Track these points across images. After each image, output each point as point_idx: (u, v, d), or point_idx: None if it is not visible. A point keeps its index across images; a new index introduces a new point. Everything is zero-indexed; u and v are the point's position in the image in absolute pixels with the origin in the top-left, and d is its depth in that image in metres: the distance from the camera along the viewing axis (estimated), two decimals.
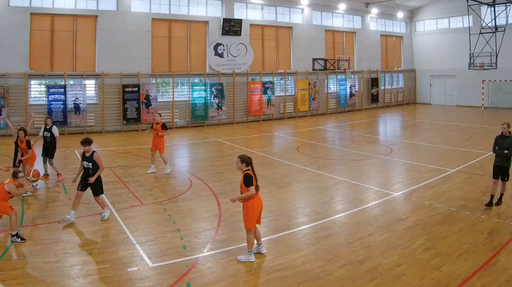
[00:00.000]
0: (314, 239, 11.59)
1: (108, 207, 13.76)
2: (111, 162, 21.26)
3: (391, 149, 24.77)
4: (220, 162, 21.76)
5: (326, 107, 44.05)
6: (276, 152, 25.00)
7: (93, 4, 32.78)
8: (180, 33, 36.41)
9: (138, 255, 10.54)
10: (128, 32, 33.40)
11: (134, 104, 33.22)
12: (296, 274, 9.58)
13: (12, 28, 29.66)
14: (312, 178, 18.17)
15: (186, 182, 17.77)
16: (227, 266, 10.03)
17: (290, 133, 32.99)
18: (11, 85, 29.69)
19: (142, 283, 9.20)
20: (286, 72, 41.29)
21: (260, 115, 39.29)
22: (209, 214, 13.66)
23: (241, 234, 11.48)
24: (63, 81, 31.46)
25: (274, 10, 41.26)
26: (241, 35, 38.42)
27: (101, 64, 32.64)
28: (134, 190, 16.43)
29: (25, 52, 30.33)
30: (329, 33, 44.98)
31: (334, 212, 13.96)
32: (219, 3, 37.98)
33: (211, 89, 36.39)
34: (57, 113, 30.77)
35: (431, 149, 24.79)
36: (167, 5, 35.65)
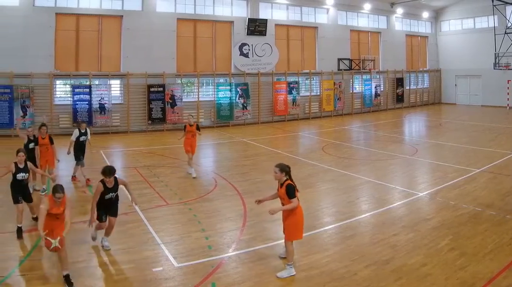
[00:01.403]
0: (339, 239, 11.29)
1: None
2: (136, 162, 20.66)
3: (416, 149, 23.85)
4: (245, 162, 20.95)
5: (351, 107, 42.29)
6: (301, 152, 24.17)
7: (118, 4, 31.55)
8: (205, 33, 35.00)
9: (163, 255, 10.28)
10: (153, 32, 32.12)
11: (159, 104, 31.96)
12: (321, 274, 9.32)
13: (37, 28, 28.52)
14: (337, 178, 17.55)
15: (211, 182, 17.16)
16: (252, 266, 9.77)
17: (315, 133, 31.81)
18: (36, 85, 28.59)
19: (167, 283, 9.00)
20: (311, 72, 39.65)
21: (285, 115, 37.71)
22: (234, 214, 13.28)
23: (266, 234, 11.55)
24: (88, 81, 30.32)
25: (299, 10, 39.60)
26: (266, 35, 36.86)
27: (126, 64, 31.39)
28: (159, 190, 15.91)
29: (50, 52, 29.18)
30: (354, 33, 43.15)
31: (359, 212, 13.57)
32: (244, 3, 36.50)
33: (236, 89, 35.02)
34: (82, 113, 29.62)
35: (456, 149, 23.84)
36: (192, 5, 34.26)
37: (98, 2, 30.92)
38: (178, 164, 20.45)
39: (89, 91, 29.97)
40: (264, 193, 14.48)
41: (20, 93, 28.04)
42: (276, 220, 12.01)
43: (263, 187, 15.88)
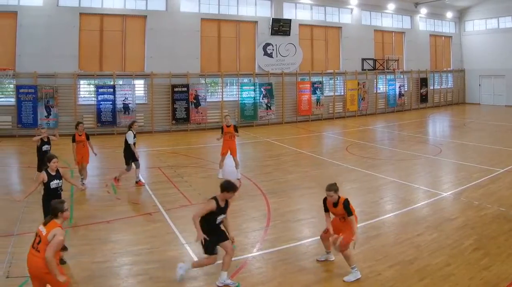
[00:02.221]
0: (363, 239, 10.71)
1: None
2: (160, 162, 19.97)
3: (440, 149, 23.00)
4: (269, 162, 20.13)
5: (375, 107, 40.63)
6: (325, 152, 23.45)
7: (142, 4, 30.36)
8: (229, 33, 33.68)
9: (188, 255, 9.99)
10: (177, 32, 30.91)
11: (183, 104, 30.77)
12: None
13: (61, 28, 27.48)
14: (361, 178, 17.02)
15: (235, 181, 15.67)
16: (276, 266, 9.51)
17: (339, 133, 30.65)
18: (60, 85, 27.59)
19: (191, 283, 8.79)
20: (335, 72, 38.05)
21: (309, 115, 36.22)
22: (258, 214, 12.82)
23: (290, 234, 11.24)
24: (112, 81, 29.28)
25: (323, 10, 37.97)
26: (290, 35, 35.34)
27: (150, 64, 30.24)
28: (183, 190, 15.39)
29: (74, 52, 28.13)
30: (378, 33, 41.37)
31: (383, 212, 13.18)
32: (268, 3, 35.06)
33: (260, 89, 33.67)
34: (106, 113, 28.58)
35: (480, 149, 23.02)
36: (216, 5, 32.95)
37: (122, 2, 29.82)
38: (202, 164, 19.73)
39: (113, 91, 28.94)
40: (288, 193, 14.86)
41: (44, 93, 27.06)
42: (300, 220, 12.22)
43: (287, 187, 15.63)
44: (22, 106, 26.63)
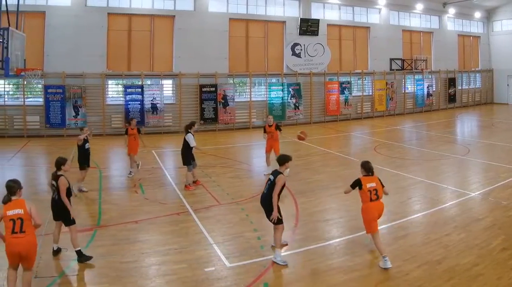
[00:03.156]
0: (391, 239, 10.47)
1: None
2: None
3: (468, 149, 21.94)
4: (297, 162, 18.51)
5: (404, 107, 38.26)
6: (353, 152, 22.48)
7: (170, 4, 28.73)
8: (257, 33, 31.84)
9: (216, 255, 9.64)
10: (205, 32, 29.24)
11: (211, 104, 29.14)
12: (374, 274, 8.75)
13: (89, 28, 26.08)
14: (389, 178, 15.71)
15: (263, 181, 14.67)
16: (304, 265, 9.21)
17: (367, 133, 29.12)
18: (88, 85, 26.20)
19: (219, 283, 8.44)
20: (364, 72, 35.89)
21: (337, 115, 34.20)
22: (287, 214, 11.48)
23: (318, 234, 10.85)
24: (140, 81, 27.73)
25: (351, 10, 35.84)
26: (319, 35, 33.32)
27: (178, 64, 28.59)
28: (211, 190, 14.84)
29: (102, 52, 26.70)
30: (406, 33, 38.96)
31: (411, 212, 12.65)
32: (296, 3, 33.07)
33: (288, 89, 31.81)
34: (134, 113, 26.98)
35: (508, 149, 21.92)
36: (244, 5, 31.17)
37: (150, 2, 28.28)
38: (230, 164, 18.89)
39: (141, 91, 27.42)
40: (317, 193, 14.16)
41: (72, 93, 25.71)
42: (328, 220, 11.74)
43: (315, 187, 14.98)
44: (50, 106, 25.32)
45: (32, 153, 21.73)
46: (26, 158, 20.64)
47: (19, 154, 21.06)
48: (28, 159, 20.48)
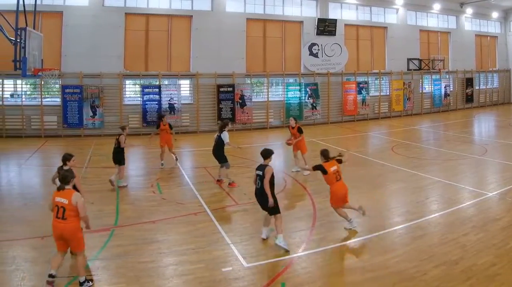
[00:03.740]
0: (408, 239, 10.15)
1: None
2: (206, 162, 18.07)
3: (486, 149, 21.06)
4: (314, 162, 16.97)
5: (421, 107, 36.70)
6: (370, 152, 21.68)
7: (187, 4, 27.59)
8: (274, 33, 30.52)
9: (233, 255, 9.30)
10: (223, 32, 28.08)
11: (228, 104, 27.99)
12: (391, 274, 8.34)
13: (107, 28, 25.07)
14: (407, 178, 15.72)
15: (280, 181, 15.07)
16: (322, 266, 8.88)
17: (385, 133, 28.00)
18: (105, 85, 25.22)
19: (236, 283, 8.09)
20: (381, 72, 34.42)
21: (354, 115, 32.84)
22: (304, 214, 11.99)
23: (336, 234, 10.46)
24: (157, 81, 26.64)
25: (368, 10, 34.33)
26: (336, 35, 31.91)
27: (196, 64, 27.45)
28: (229, 190, 14.38)
29: (119, 52, 25.67)
30: (423, 33, 37.27)
31: (429, 212, 12.13)
32: (313, 3, 31.69)
33: (305, 89, 30.51)
34: (151, 113, 26.00)
35: None
36: (261, 5, 29.88)
37: (168, 2, 27.18)
38: (248, 164, 18.13)
39: (159, 91, 26.37)
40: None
41: (90, 93, 24.74)
42: (345, 221, 10.93)
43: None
44: (68, 106, 24.38)
45: (49, 153, 21.12)
46: (43, 158, 20.15)
47: (36, 154, 20.44)
48: (45, 159, 19.91)
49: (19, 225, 10.72)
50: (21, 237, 9.96)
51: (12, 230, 10.41)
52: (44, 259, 8.65)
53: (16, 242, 9.68)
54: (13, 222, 11.00)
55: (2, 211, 11.84)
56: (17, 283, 7.84)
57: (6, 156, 20.28)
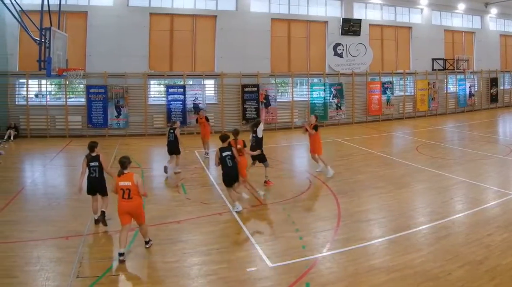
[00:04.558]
0: (433, 239, 9.44)
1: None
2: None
3: (511, 148, 19.69)
4: (339, 162, 17.32)
5: (446, 107, 34.26)
6: (395, 152, 20.38)
7: (212, 4, 25.85)
8: (299, 33, 28.54)
9: (258, 255, 8.70)
10: (247, 32, 26.29)
11: (253, 104, 26.19)
12: (415, 274, 7.78)
13: (131, 28, 23.60)
14: (431, 178, 14.81)
15: (305, 182, 14.56)
16: (346, 266, 8.21)
17: (409, 133, 26.14)
18: (130, 85, 23.70)
19: (261, 283, 7.65)
20: (405, 72, 32.13)
21: (379, 115, 30.69)
22: (329, 214, 11.26)
23: (360, 234, 9.76)
24: (182, 81, 24.96)
25: (393, 10, 32.02)
26: (360, 35, 29.81)
27: (220, 64, 25.75)
28: (253, 190, 12.98)
29: (144, 52, 24.11)
30: (448, 33, 34.77)
31: (453, 212, 11.50)
32: (338, 3, 29.62)
33: (330, 89, 28.48)
34: (176, 113, 24.38)
35: None
36: (286, 5, 27.93)
37: (192, 2, 25.47)
38: (272, 164, 16.18)
39: (183, 91, 24.70)
40: (358, 193, 12.94)
41: (114, 93, 23.26)
42: (370, 220, 10.71)
43: (357, 187, 13.63)
44: (92, 106, 22.97)
45: (74, 153, 19.86)
46: (67, 158, 19.10)
47: (61, 154, 19.35)
48: (69, 159, 18.80)
49: (44, 225, 10.20)
50: (45, 237, 9.50)
51: (37, 230, 9.90)
52: (68, 259, 8.33)
53: (40, 242, 9.23)
54: (38, 222, 10.43)
55: (27, 211, 11.24)
56: (41, 283, 7.44)
57: (30, 156, 19.37)
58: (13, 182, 14.44)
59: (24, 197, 12.73)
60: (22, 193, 13.05)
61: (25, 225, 10.21)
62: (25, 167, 17.53)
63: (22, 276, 7.74)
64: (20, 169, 17.06)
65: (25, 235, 9.51)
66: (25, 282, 7.52)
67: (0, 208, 11.29)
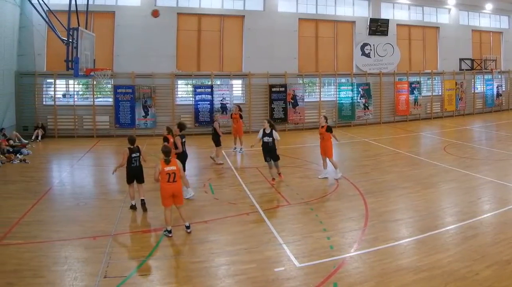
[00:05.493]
0: (460, 239, 8.67)
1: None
2: (258, 162, 15.78)
3: None
4: (366, 162, 16.36)
5: (473, 107, 31.44)
6: (423, 152, 18.96)
7: (240, 4, 23.75)
8: (326, 33, 26.17)
9: (285, 255, 8.05)
10: (275, 32, 24.09)
11: (280, 104, 24.02)
12: (443, 274, 7.18)
13: (159, 28, 21.67)
14: (459, 178, 13.76)
15: (332, 182, 13.37)
16: (374, 266, 7.55)
17: (437, 133, 24.14)
18: (158, 85, 21.79)
19: (289, 283, 7.05)
20: (433, 72, 29.48)
21: (406, 115, 28.11)
22: (356, 214, 10.26)
23: (388, 234, 8.99)
24: (209, 81, 22.96)
25: (420, 10, 29.37)
26: (388, 35, 27.31)
27: (248, 64, 23.64)
28: (281, 190, 12.56)
29: (171, 52, 22.17)
30: (476, 33, 31.83)
31: (481, 212, 10.40)
32: (365, 3, 27.17)
33: (357, 89, 26.15)
34: (203, 113, 22.45)
35: None
36: (314, 5, 25.60)
37: (220, 2, 23.42)
38: (299, 164, 16.05)
39: (211, 91, 22.71)
40: (386, 193, 12.08)
41: (142, 93, 21.39)
42: (398, 220, 9.87)
43: (385, 187, 12.67)
44: (120, 106, 21.18)
45: (101, 153, 18.71)
46: (95, 158, 17.72)
47: (88, 154, 17.91)
48: (97, 159, 17.56)
49: (71, 225, 9.61)
50: (73, 237, 8.92)
51: (64, 230, 9.31)
52: (96, 259, 7.82)
53: (68, 242, 8.66)
54: (65, 222, 9.82)
55: (54, 211, 10.57)
56: (69, 283, 7.02)
57: (58, 156, 17.95)
58: (41, 182, 13.47)
59: (51, 197, 11.85)
60: (50, 193, 12.14)
61: (53, 225, 9.59)
62: (52, 166, 16.34)
63: (50, 276, 7.22)
64: (48, 168, 15.87)
65: (53, 235, 8.93)
66: (52, 282, 7.05)
67: (28, 208, 10.52)
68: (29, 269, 7.42)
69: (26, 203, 10.93)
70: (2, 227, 9.23)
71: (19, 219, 9.81)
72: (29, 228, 9.31)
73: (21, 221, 9.77)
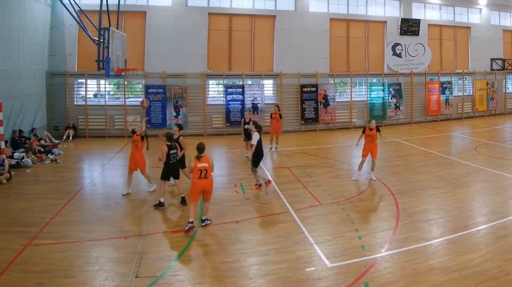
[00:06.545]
0: (492, 239, 7.90)
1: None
2: (289, 162, 14.82)
3: None
4: (397, 162, 15.12)
5: (504, 107, 28.28)
6: (454, 152, 17.35)
7: (271, 4, 21.46)
8: (357, 33, 23.64)
9: (316, 255, 7.36)
10: (306, 32, 21.77)
11: (312, 104, 21.73)
12: (474, 274, 6.61)
13: (190, 28, 19.69)
14: (490, 178, 12.33)
15: (364, 182, 12.06)
16: (405, 266, 6.93)
17: (468, 133, 22.03)
18: (189, 85, 19.78)
19: (320, 283, 6.51)
20: (464, 72, 26.59)
21: (438, 115, 25.33)
22: (387, 214, 9.36)
23: (419, 234, 8.21)
24: (241, 81, 20.79)
25: (452, 10, 26.49)
26: (419, 35, 24.59)
27: (279, 64, 21.37)
28: (312, 190, 11.23)
29: (203, 52, 20.11)
30: (507, 33, 28.58)
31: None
32: (397, 3, 24.47)
33: (389, 89, 23.52)
34: (234, 113, 20.34)
35: None
36: (345, 5, 23.13)
37: (251, 2, 21.19)
38: (331, 164, 14.79)
39: (242, 91, 20.55)
40: (417, 193, 10.96)
41: (173, 93, 19.40)
42: (429, 220, 8.97)
43: (416, 187, 11.41)
44: (151, 106, 19.18)
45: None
46: (126, 158, 15.43)
47: (119, 154, 16.22)
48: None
49: (102, 225, 8.85)
50: (104, 237, 8.18)
51: (95, 230, 8.56)
52: (127, 259, 7.15)
53: (99, 242, 7.93)
54: (97, 222, 9.05)
55: (85, 211, 9.83)
56: (100, 283, 6.36)
57: (89, 156, 16.49)
58: (72, 182, 12.48)
59: (82, 197, 11.04)
60: (81, 193, 11.29)
61: (84, 225, 8.86)
62: (83, 166, 15.02)
63: (81, 276, 6.70)
64: (79, 168, 14.57)
65: (84, 235, 8.29)
66: (83, 282, 6.53)
67: (59, 208, 9.79)
68: (60, 269, 6.88)
69: (57, 203, 10.11)
70: (33, 227, 8.53)
71: (50, 219, 9.07)
72: (60, 228, 8.64)
73: (53, 221, 9.02)
